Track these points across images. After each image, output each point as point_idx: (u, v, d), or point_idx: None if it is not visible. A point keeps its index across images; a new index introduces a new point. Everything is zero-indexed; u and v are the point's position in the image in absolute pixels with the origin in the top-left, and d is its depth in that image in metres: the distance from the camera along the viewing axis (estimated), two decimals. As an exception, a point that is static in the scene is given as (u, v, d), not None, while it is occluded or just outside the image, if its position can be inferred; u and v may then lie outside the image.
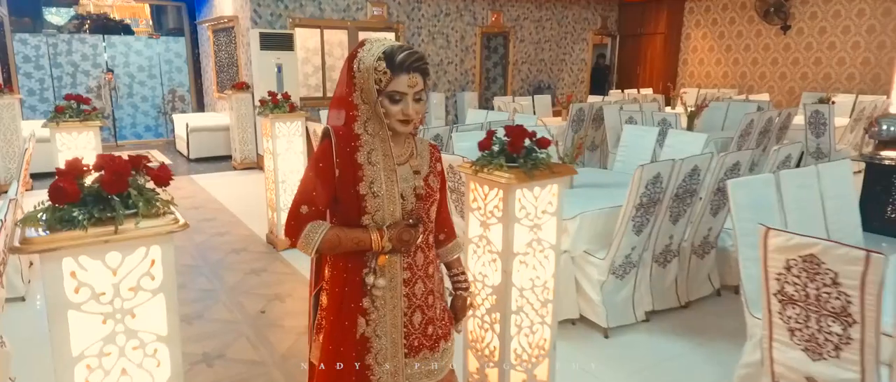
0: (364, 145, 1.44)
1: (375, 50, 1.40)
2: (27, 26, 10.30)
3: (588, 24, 11.86)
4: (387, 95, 1.39)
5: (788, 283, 1.77)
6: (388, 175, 1.45)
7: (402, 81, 1.38)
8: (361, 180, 1.42)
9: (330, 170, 1.43)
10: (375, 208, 1.43)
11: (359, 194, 1.42)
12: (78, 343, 1.31)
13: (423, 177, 1.51)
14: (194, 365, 2.84)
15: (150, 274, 1.36)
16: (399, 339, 1.52)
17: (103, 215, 1.26)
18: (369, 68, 1.39)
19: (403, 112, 1.40)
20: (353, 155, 1.43)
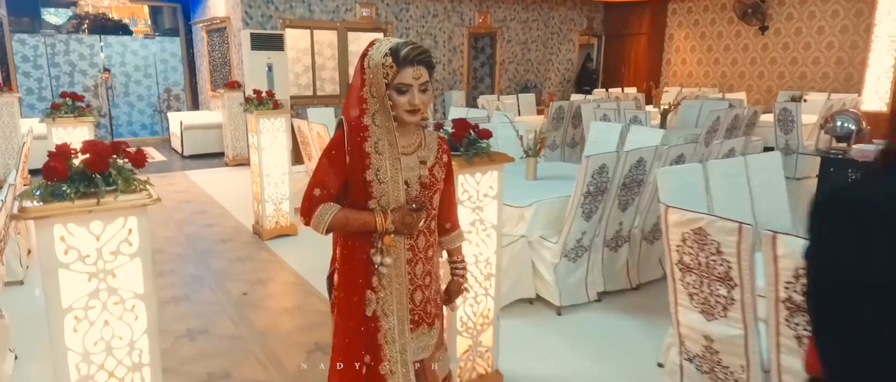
0: (372, 135, 1.56)
1: (383, 47, 1.53)
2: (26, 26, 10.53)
3: (574, 24, 12.13)
4: (394, 88, 1.51)
5: (685, 253, 2.04)
6: (393, 163, 1.57)
7: (408, 74, 1.50)
8: (368, 167, 1.55)
9: (341, 158, 1.56)
10: (381, 193, 1.56)
11: (365, 180, 1.55)
12: (67, 296, 1.58)
13: (428, 167, 1.63)
14: (178, 339, 3.10)
15: (127, 240, 1.63)
16: (405, 316, 1.64)
17: (87, 190, 1.53)
18: (378, 64, 1.51)
19: (410, 102, 1.52)
20: (361, 144, 1.55)
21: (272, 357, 2.92)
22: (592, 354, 2.97)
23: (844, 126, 5.19)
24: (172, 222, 5.45)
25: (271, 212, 4.86)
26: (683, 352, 2.21)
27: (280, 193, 4.87)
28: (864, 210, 0.84)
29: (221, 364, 2.85)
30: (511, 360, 2.81)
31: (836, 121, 5.27)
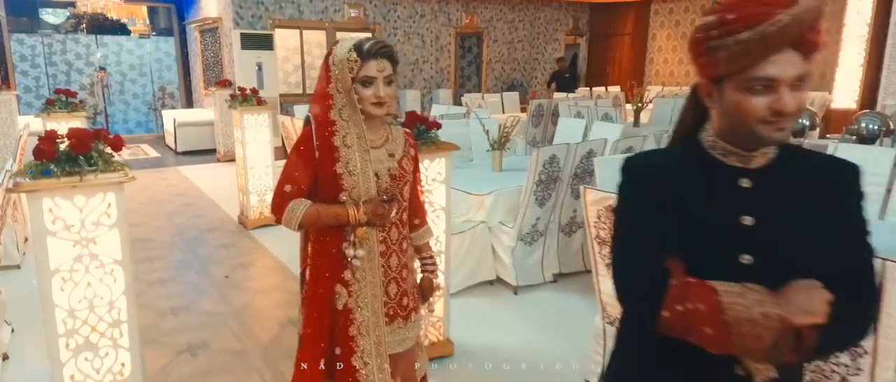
0: (340, 130, 1.60)
1: (347, 44, 1.59)
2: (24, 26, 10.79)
3: (560, 24, 12.41)
4: (360, 81, 1.56)
5: (601, 228, 2.32)
6: (363, 155, 1.60)
7: (372, 66, 1.55)
8: (338, 161, 1.58)
9: (310, 153, 1.60)
10: (351, 185, 1.59)
11: (336, 173, 1.58)
12: (54, 260, 1.85)
13: (397, 160, 1.68)
14: (162, 316, 3.38)
15: (107, 213, 1.90)
16: (379, 308, 1.66)
17: (72, 169, 1.80)
18: (343, 59, 1.56)
19: (375, 95, 1.56)
20: (330, 139, 1.59)
21: (247, 330, 3.20)
22: (542, 328, 3.24)
23: (798, 121, 5.47)
24: (163, 213, 5.72)
25: (256, 203, 5.14)
26: (605, 317, 2.49)
27: (263, 185, 5.15)
28: (624, 171, 1.13)
29: (200, 336, 3.12)
30: (466, 333, 3.09)
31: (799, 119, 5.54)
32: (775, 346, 0.94)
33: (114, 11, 11.35)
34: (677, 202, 1.07)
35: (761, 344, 0.94)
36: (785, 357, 0.96)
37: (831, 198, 1.06)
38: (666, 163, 1.14)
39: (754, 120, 0.98)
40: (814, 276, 0.97)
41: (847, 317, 0.98)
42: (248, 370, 2.77)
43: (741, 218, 1.03)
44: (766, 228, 1.03)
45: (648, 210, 1.07)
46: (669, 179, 1.09)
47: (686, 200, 1.07)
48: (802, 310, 0.93)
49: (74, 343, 1.93)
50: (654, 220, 1.07)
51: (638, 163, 1.14)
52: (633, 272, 1.07)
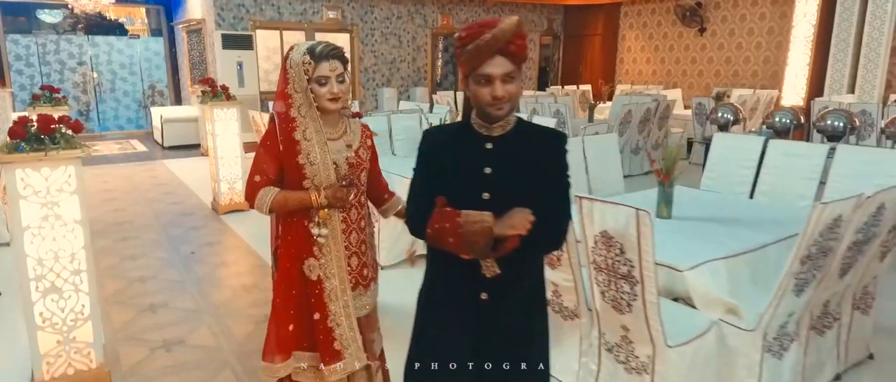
0: (300, 125, 1.78)
1: (301, 48, 1.77)
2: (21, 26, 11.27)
3: (535, 25, 12.90)
4: (315, 81, 1.74)
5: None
6: (321, 147, 1.79)
7: (325, 67, 1.74)
8: (300, 153, 1.77)
9: (275, 146, 1.79)
10: (313, 174, 1.79)
11: (299, 164, 1.78)
12: (25, 219, 2.36)
13: (354, 150, 1.86)
14: (141, 313, 3.46)
15: (68, 182, 2.40)
16: (345, 278, 1.88)
17: (39, 146, 2.31)
18: (298, 63, 1.74)
19: (330, 92, 1.75)
20: (291, 133, 1.78)
21: (223, 327, 3.31)
22: None
23: (724, 116, 5.99)
24: (143, 200, 6.23)
25: (226, 190, 5.65)
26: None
27: (233, 174, 5.66)
28: (423, 137, 1.64)
29: (177, 333, 3.30)
30: None
31: (719, 113, 6.06)
32: (483, 247, 1.45)
33: (112, 11, 11.87)
34: (448, 158, 1.58)
35: (477, 247, 1.45)
36: (489, 255, 1.47)
37: (545, 156, 1.57)
38: (448, 133, 1.66)
39: (483, 103, 1.50)
40: (528, 207, 1.47)
41: (545, 233, 1.49)
42: (220, 365, 2.81)
43: (484, 169, 1.54)
44: (500, 176, 1.54)
45: (430, 164, 1.59)
46: (446, 144, 1.61)
47: (453, 157, 1.58)
48: (508, 226, 1.44)
49: (43, 286, 2.43)
50: (432, 171, 1.58)
51: (430, 133, 1.66)
52: (416, 206, 1.58)
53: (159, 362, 2.86)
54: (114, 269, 4.16)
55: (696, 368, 2.22)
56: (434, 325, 1.67)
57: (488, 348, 1.60)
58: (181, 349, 3.00)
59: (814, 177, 3.33)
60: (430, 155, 1.62)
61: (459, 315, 1.61)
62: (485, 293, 1.56)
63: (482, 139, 1.56)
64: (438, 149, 1.61)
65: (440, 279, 1.65)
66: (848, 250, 2.34)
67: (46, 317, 2.48)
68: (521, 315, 1.61)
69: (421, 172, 1.62)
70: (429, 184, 1.57)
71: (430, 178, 1.58)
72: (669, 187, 2.96)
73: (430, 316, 1.68)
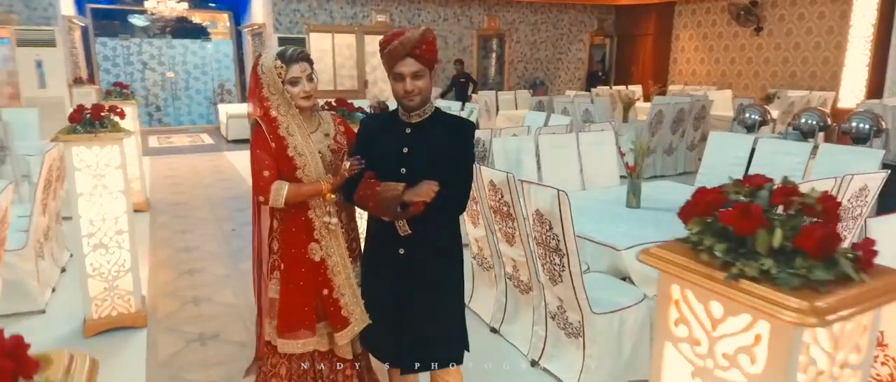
0: (281, 123, 1.96)
1: (272, 54, 1.94)
2: (114, 29, 12.62)
3: (584, 26, 12.93)
4: (289, 82, 1.92)
5: (498, 202, 3.09)
6: (305, 139, 1.97)
7: (296, 69, 1.92)
8: (288, 147, 1.94)
9: (267, 146, 1.94)
10: (303, 164, 1.96)
11: (289, 156, 1.94)
12: (80, 187, 2.93)
13: (332, 137, 2.05)
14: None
15: (113, 158, 2.97)
16: (344, 253, 2.06)
17: (91, 129, 2.88)
18: (270, 67, 1.92)
19: (303, 90, 1.93)
20: (276, 131, 1.94)
21: (235, 263, 4.23)
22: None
23: (751, 117, 5.93)
24: (201, 186, 6.99)
25: (269, 178, 6.25)
26: (505, 275, 3.10)
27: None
28: (360, 124, 2.01)
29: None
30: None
31: (745, 113, 6.01)
32: (394, 210, 1.80)
33: (198, 16, 13.04)
34: (376, 140, 1.95)
35: (390, 210, 1.81)
36: (399, 216, 1.82)
37: (453, 141, 1.90)
38: (379, 121, 2.03)
39: (398, 95, 1.86)
40: (436, 179, 1.81)
41: (446, 201, 1.83)
42: (235, 319, 3.10)
43: (403, 149, 1.90)
44: (414, 155, 1.89)
45: (363, 144, 1.97)
46: (377, 129, 1.98)
47: (380, 139, 1.94)
48: (415, 194, 1.79)
49: (93, 242, 3.01)
50: (364, 150, 1.95)
51: (365, 121, 2.04)
52: (350, 178, 1.94)
53: (187, 313, 3.40)
54: (166, 240, 4.82)
55: (627, 335, 2.45)
56: (368, 273, 2.05)
57: (407, 292, 1.94)
58: (207, 304, 3.53)
59: (796, 174, 3.40)
60: (363, 137, 2.00)
61: (384, 265, 1.97)
62: (402, 248, 1.91)
63: (403, 125, 1.91)
64: (370, 133, 1.99)
65: (371, 238, 2.03)
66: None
67: (96, 268, 3.05)
68: (433, 267, 1.95)
69: (355, 151, 1.99)
70: (357, 157, 1.95)
71: (363, 156, 1.95)
72: (637, 178, 3.17)
73: (367, 266, 2.06)
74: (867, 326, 0.97)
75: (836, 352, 0.95)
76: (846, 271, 0.91)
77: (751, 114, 5.96)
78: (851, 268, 0.91)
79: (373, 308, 2.03)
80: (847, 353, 0.96)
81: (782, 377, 0.91)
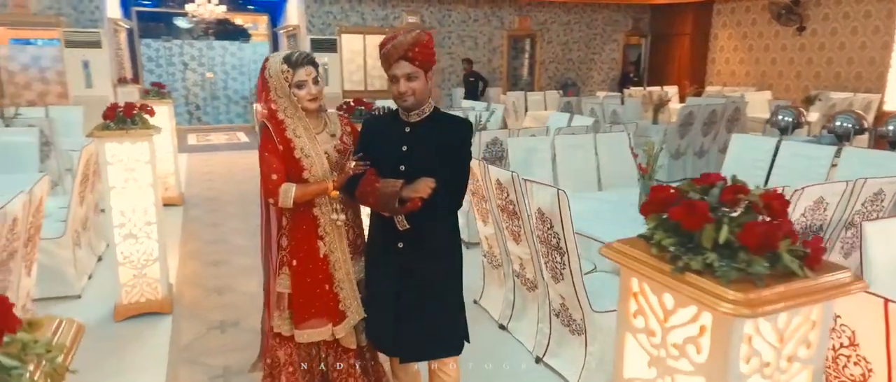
0: (288, 125, 2.01)
1: (278, 58, 2.00)
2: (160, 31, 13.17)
3: (619, 25, 12.75)
4: (295, 85, 1.97)
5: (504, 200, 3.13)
6: (311, 140, 2.03)
7: (302, 73, 1.97)
8: (295, 148, 2.00)
9: (275, 148, 2.00)
10: (310, 165, 2.01)
11: (296, 158, 2.00)
12: (112, 180, 3.12)
13: (338, 137, 2.10)
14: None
15: (143, 153, 3.15)
16: (346, 249, 2.13)
17: (122, 126, 3.06)
18: (278, 72, 1.98)
19: (309, 93, 1.99)
20: (283, 133, 2.00)
21: (259, 256, 4.39)
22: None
23: (784, 119, 5.76)
24: (234, 182, 7.25)
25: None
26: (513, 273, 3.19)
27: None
28: (362, 124, 2.09)
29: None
30: None
31: (779, 116, 5.84)
32: (392, 205, 1.88)
33: (241, 19, 13.45)
34: (378, 139, 2.03)
35: (389, 205, 1.89)
36: (397, 212, 1.89)
37: (452, 138, 1.96)
38: (381, 120, 2.11)
39: (394, 96, 1.94)
40: (433, 177, 1.88)
41: (443, 197, 1.89)
42: (256, 308, 2.96)
43: (402, 146, 1.97)
44: (413, 153, 1.96)
45: (366, 143, 2.05)
46: (378, 128, 2.07)
47: (381, 138, 2.03)
48: (412, 190, 1.86)
49: (123, 232, 3.20)
50: (366, 148, 2.03)
51: (367, 120, 2.13)
52: (352, 177, 2.03)
53: (210, 301, 3.56)
54: (197, 232, 5.04)
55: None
56: (370, 266, 2.13)
57: (405, 285, 2.01)
58: (229, 293, 3.69)
59: (817, 177, 3.31)
60: (365, 136, 2.08)
61: (384, 259, 2.05)
62: (401, 242, 1.98)
63: (403, 124, 1.98)
64: (372, 132, 2.08)
65: (372, 232, 2.11)
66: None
67: (126, 256, 3.24)
68: (431, 261, 2.01)
69: (358, 150, 2.08)
70: (363, 159, 2.03)
71: (365, 154, 2.03)
72: (649, 180, 3.15)
73: (368, 259, 2.14)
74: (817, 321, 0.98)
75: (782, 345, 0.97)
76: (790, 267, 0.93)
77: (784, 116, 5.79)
78: (796, 264, 0.93)
79: (374, 299, 2.11)
80: (795, 347, 0.98)
81: (724, 366, 0.94)
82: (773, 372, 0.97)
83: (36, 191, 2.38)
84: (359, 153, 2.05)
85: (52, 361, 0.79)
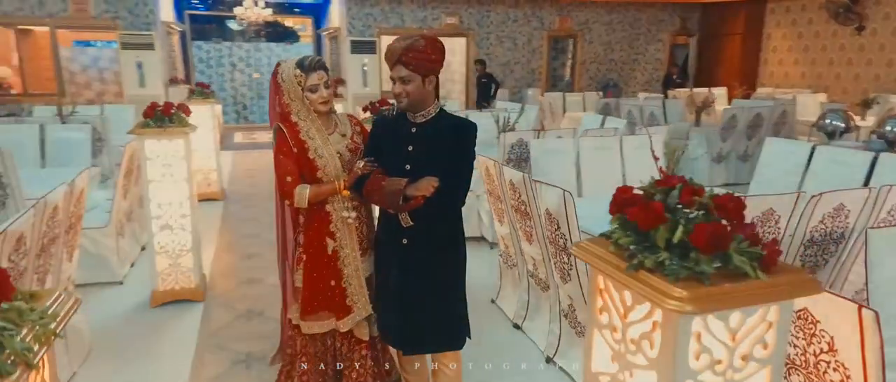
0: (302, 128, 2.11)
1: (291, 64, 2.11)
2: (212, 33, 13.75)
3: (664, 25, 12.42)
4: (308, 89, 2.08)
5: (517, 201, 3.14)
6: (324, 141, 2.12)
7: (314, 77, 2.08)
8: (309, 150, 2.09)
9: (289, 151, 2.09)
10: (323, 165, 2.11)
11: (310, 159, 2.09)
12: (150, 175, 3.33)
13: (349, 137, 2.20)
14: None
15: (179, 150, 3.34)
16: (355, 246, 2.22)
17: (161, 124, 3.26)
18: (291, 76, 2.08)
19: (321, 97, 2.09)
20: (298, 135, 2.09)
21: None
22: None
23: (831, 123, 5.50)
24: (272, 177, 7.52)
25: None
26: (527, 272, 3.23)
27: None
28: (372, 123, 2.17)
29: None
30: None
31: (827, 120, 5.58)
32: (396, 202, 1.95)
33: (291, 21, 13.90)
34: (386, 138, 2.11)
35: (393, 203, 1.96)
36: (401, 209, 1.96)
37: (454, 140, 2.02)
38: (389, 120, 2.18)
39: (394, 96, 2.01)
40: (437, 176, 1.94)
41: (444, 197, 1.95)
42: (280, 299, 3.62)
43: (408, 146, 2.04)
44: (418, 152, 2.03)
45: (374, 142, 2.14)
46: (386, 128, 2.14)
47: (388, 137, 2.10)
48: (415, 188, 1.93)
49: (160, 223, 3.41)
50: (375, 148, 2.12)
51: (377, 120, 2.21)
52: (361, 176, 2.11)
53: (240, 292, 3.74)
54: (234, 226, 5.28)
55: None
56: (378, 261, 2.22)
57: (408, 279, 2.08)
58: (258, 285, 3.86)
59: (850, 183, 3.17)
60: (375, 136, 2.17)
61: (389, 254, 2.13)
62: (405, 238, 2.05)
63: (409, 125, 2.05)
64: (381, 132, 2.16)
65: (380, 228, 2.20)
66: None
67: (162, 246, 3.45)
68: (433, 257, 2.07)
69: (367, 149, 2.16)
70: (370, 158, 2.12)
71: (373, 153, 2.12)
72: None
73: (377, 253, 2.23)
74: (773, 322, 0.98)
75: (735, 344, 0.97)
76: (742, 267, 0.94)
77: (832, 119, 5.52)
78: (748, 266, 0.94)
79: (381, 293, 2.19)
80: (750, 346, 0.98)
81: (672, 361, 0.95)
82: (727, 370, 0.97)
83: (77, 182, 2.58)
84: (369, 152, 2.14)
85: (44, 327, 0.89)
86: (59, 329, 0.91)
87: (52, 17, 8.68)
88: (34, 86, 9.30)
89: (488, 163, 3.15)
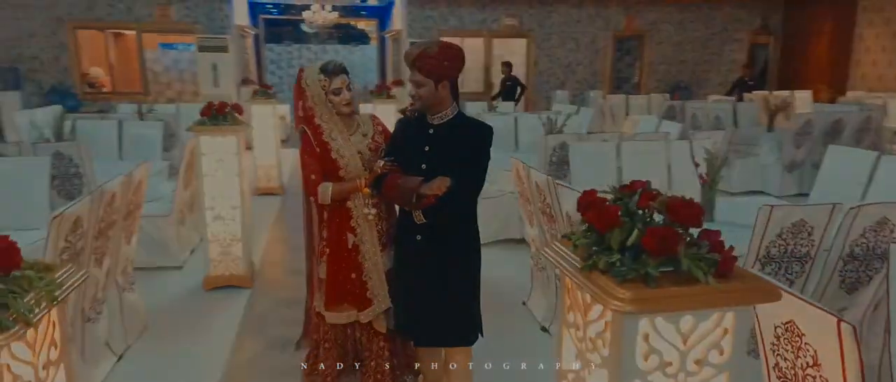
0: (325, 130, 2.23)
1: (315, 69, 2.23)
2: (285, 36, 14.43)
3: (742, 24, 11.77)
4: (331, 92, 2.21)
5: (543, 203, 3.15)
6: (346, 142, 2.25)
7: (337, 81, 2.21)
8: (331, 150, 2.22)
9: (313, 151, 2.22)
10: (345, 164, 2.23)
11: (332, 159, 2.22)
12: (205, 169, 3.58)
13: (370, 137, 2.32)
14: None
15: (232, 147, 3.57)
16: (375, 241, 2.31)
17: (215, 122, 3.51)
18: (315, 80, 2.21)
19: (344, 99, 2.22)
20: (321, 136, 2.22)
21: None
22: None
23: None
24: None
25: (385, 172, 6.85)
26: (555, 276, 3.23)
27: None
28: (396, 123, 2.25)
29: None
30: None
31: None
32: (410, 200, 2.02)
33: (363, 23, 14.41)
34: (406, 138, 2.19)
35: (407, 201, 2.03)
36: (414, 207, 2.03)
37: (470, 142, 2.07)
38: (410, 122, 2.26)
39: (412, 96, 2.07)
40: (451, 176, 2.01)
41: (456, 195, 2.00)
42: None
43: (425, 147, 2.11)
44: (434, 153, 2.09)
45: (395, 142, 2.24)
46: (407, 128, 2.23)
47: (408, 138, 2.18)
48: (428, 187, 2.00)
49: (213, 214, 3.66)
50: (395, 148, 2.20)
51: (399, 121, 2.31)
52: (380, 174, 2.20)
53: (286, 281, 3.96)
54: (288, 219, 5.56)
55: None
56: (396, 256, 2.30)
57: (422, 275, 2.15)
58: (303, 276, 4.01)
59: (918, 194, 2.91)
60: (396, 136, 2.25)
61: (406, 250, 2.20)
62: (419, 235, 2.12)
63: (428, 126, 2.12)
64: (402, 132, 2.24)
65: (398, 225, 2.29)
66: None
67: (215, 235, 3.71)
68: (446, 255, 2.13)
69: (389, 148, 2.24)
70: (392, 154, 2.20)
71: (394, 152, 2.20)
72: (711, 190, 2.97)
73: (395, 250, 2.31)
74: (730, 329, 0.95)
75: (687, 348, 0.95)
76: (694, 272, 0.92)
77: None
78: (700, 271, 0.92)
79: (397, 287, 2.27)
80: (705, 351, 0.96)
81: (621, 360, 0.95)
82: (678, 373, 0.96)
83: (135, 174, 2.84)
84: (390, 151, 2.22)
85: (50, 293, 1.02)
86: (62, 296, 1.05)
87: (139, 21, 9.51)
88: (122, 85, 10.22)
89: (518, 165, 3.15)
